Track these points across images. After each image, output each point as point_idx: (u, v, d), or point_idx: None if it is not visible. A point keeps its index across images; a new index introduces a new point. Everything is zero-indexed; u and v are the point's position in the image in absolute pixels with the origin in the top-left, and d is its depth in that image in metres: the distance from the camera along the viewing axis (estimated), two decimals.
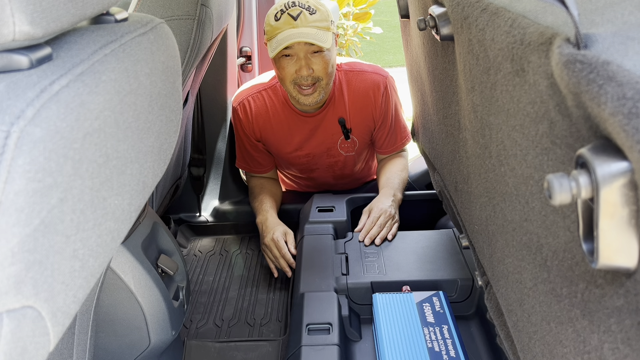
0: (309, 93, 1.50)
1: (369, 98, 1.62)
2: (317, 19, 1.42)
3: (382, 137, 1.71)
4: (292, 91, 1.52)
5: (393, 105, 1.66)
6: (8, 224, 0.38)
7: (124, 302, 1.00)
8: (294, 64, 1.45)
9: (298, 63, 1.45)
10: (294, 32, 1.40)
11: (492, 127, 0.66)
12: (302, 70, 1.44)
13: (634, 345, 0.39)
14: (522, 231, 0.61)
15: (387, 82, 1.63)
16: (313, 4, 1.44)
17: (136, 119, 0.57)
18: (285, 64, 1.46)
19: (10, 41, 0.43)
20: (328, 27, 1.44)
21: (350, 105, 1.63)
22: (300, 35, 1.40)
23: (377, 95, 1.62)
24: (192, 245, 1.87)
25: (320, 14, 1.43)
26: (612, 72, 0.36)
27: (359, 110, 1.63)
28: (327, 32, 1.44)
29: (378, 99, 1.62)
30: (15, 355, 0.40)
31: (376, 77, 1.62)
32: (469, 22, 0.68)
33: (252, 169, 1.79)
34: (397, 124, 1.70)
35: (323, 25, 1.43)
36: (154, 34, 0.64)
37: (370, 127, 1.68)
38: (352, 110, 1.63)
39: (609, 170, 0.37)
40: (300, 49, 1.43)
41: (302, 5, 1.42)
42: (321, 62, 1.45)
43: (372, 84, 1.61)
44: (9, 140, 0.38)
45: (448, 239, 1.47)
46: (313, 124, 1.65)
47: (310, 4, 1.43)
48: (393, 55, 6.26)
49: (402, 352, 1.09)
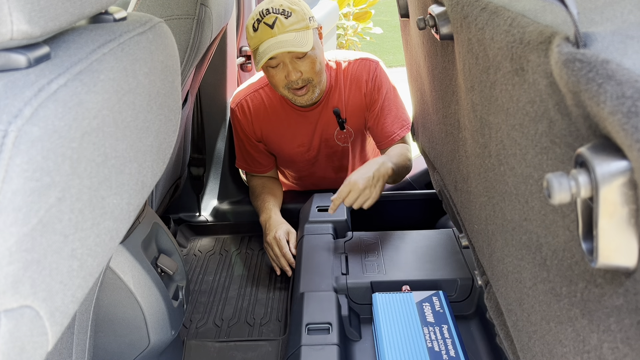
0: (302, 94, 1.51)
1: (361, 84, 1.62)
2: (293, 21, 1.42)
3: (374, 125, 1.66)
4: (287, 95, 1.53)
5: (384, 90, 1.63)
6: (6, 224, 0.37)
7: (123, 302, 1.00)
8: (282, 71, 1.47)
9: (285, 69, 1.46)
10: (273, 42, 1.40)
11: (492, 126, 0.66)
12: (291, 75, 1.45)
13: (634, 344, 0.39)
14: (521, 230, 0.61)
15: (377, 67, 1.63)
16: (287, 6, 1.43)
17: (135, 118, 0.57)
18: (273, 73, 1.48)
19: (8, 40, 0.42)
20: (307, 26, 1.44)
21: (345, 95, 1.64)
22: (279, 45, 1.40)
23: (367, 80, 1.62)
24: (192, 245, 1.87)
25: (295, 15, 1.43)
26: (611, 71, 0.36)
27: (353, 98, 1.64)
28: (306, 31, 1.44)
29: (368, 83, 1.62)
30: (14, 355, 0.40)
31: (366, 62, 1.63)
32: (468, 22, 0.68)
33: (253, 169, 1.79)
34: (389, 112, 1.65)
35: (301, 26, 1.43)
36: (152, 33, 0.64)
37: (363, 114, 1.66)
38: (346, 99, 1.64)
39: (608, 169, 0.37)
40: (284, 56, 1.43)
41: (276, 10, 1.42)
42: (308, 63, 1.46)
43: (364, 69, 1.62)
44: (6, 140, 0.38)
45: (448, 238, 1.47)
46: (312, 118, 1.66)
47: (284, 7, 1.42)
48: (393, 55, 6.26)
49: (402, 351, 1.09)
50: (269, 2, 1.45)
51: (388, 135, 1.66)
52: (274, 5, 1.43)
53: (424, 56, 1.07)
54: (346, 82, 1.63)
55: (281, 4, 1.43)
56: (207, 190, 1.96)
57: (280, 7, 1.42)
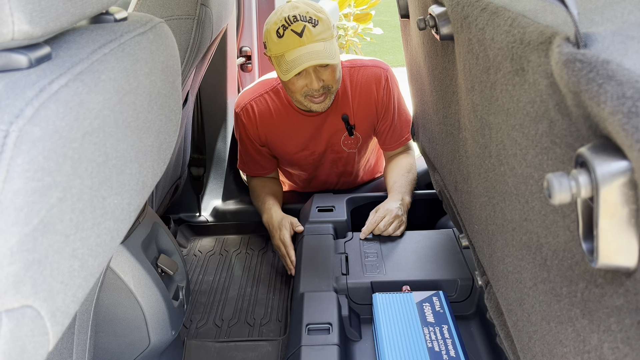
0: (320, 101, 1.50)
1: (371, 92, 1.62)
2: (320, 30, 1.38)
3: (385, 130, 1.68)
4: (303, 101, 1.51)
5: (395, 97, 1.64)
6: (7, 224, 0.37)
7: (123, 302, 1.00)
8: (304, 79, 1.44)
9: (308, 78, 1.43)
10: (303, 53, 1.37)
11: (492, 126, 0.66)
12: (313, 84, 1.43)
13: (634, 344, 0.39)
14: (521, 231, 0.61)
15: (388, 74, 1.63)
16: (313, 13, 1.40)
17: (135, 118, 0.57)
18: (294, 80, 1.45)
19: (9, 40, 0.43)
20: (332, 35, 1.42)
21: (354, 101, 1.63)
22: (310, 56, 1.37)
23: (379, 88, 1.61)
24: (192, 245, 1.87)
25: (322, 24, 1.39)
26: (611, 71, 0.36)
27: (362, 105, 1.63)
28: (332, 40, 1.42)
29: (380, 91, 1.61)
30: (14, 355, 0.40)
31: (377, 70, 1.62)
32: (468, 22, 0.68)
33: (254, 171, 1.78)
34: (399, 117, 1.67)
35: (327, 35, 1.40)
36: (153, 34, 0.64)
37: (373, 121, 1.67)
38: (355, 105, 1.63)
39: (608, 169, 0.37)
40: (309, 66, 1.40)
41: (303, 18, 1.38)
42: (330, 72, 1.45)
43: (374, 77, 1.61)
44: (7, 140, 0.38)
45: (448, 238, 1.47)
46: (317, 123, 1.65)
47: (311, 15, 1.39)
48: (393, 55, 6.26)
49: (402, 352, 1.09)
50: (294, 9, 1.41)
51: (396, 140, 1.70)
52: (301, 12, 1.39)
53: (424, 56, 1.07)
54: (355, 89, 1.62)
55: (307, 11, 1.40)
56: (207, 191, 1.96)
57: (307, 15, 1.39)
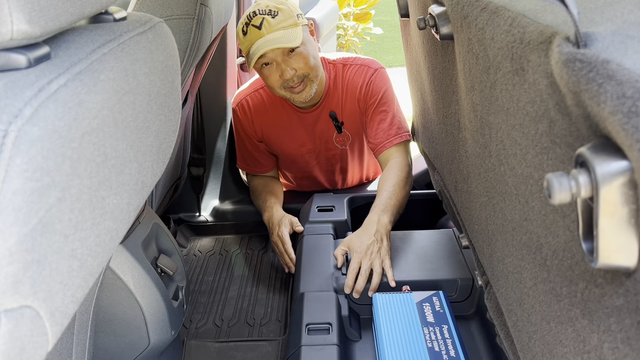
0: (300, 90, 1.51)
1: (355, 89, 1.62)
2: (280, 20, 1.43)
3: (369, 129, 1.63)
4: (284, 94, 1.53)
5: (380, 96, 1.60)
6: (6, 224, 0.37)
7: (123, 302, 0.99)
8: (275, 70, 1.47)
9: (279, 68, 1.46)
10: (261, 42, 1.42)
11: (492, 126, 0.66)
12: (285, 73, 1.46)
13: (634, 344, 0.39)
14: (521, 230, 0.61)
15: (376, 72, 1.61)
16: (273, 6, 1.45)
17: (135, 118, 0.57)
18: (267, 73, 1.48)
19: (8, 40, 0.42)
20: (295, 23, 1.45)
21: (343, 98, 1.64)
22: (267, 43, 1.41)
23: (362, 85, 1.61)
24: (192, 245, 1.87)
25: (282, 13, 1.44)
26: (611, 71, 0.36)
27: (349, 102, 1.64)
28: (295, 28, 1.44)
29: (363, 88, 1.61)
30: (13, 355, 0.40)
31: (365, 68, 1.62)
32: (468, 21, 0.68)
33: (253, 169, 1.79)
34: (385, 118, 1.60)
35: (289, 23, 1.44)
36: (152, 33, 0.64)
37: (360, 119, 1.66)
38: (343, 102, 1.64)
39: (608, 169, 0.37)
40: (275, 55, 1.44)
41: (262, 12, 1.44)
42: (300, 59, 1.46)
43: (361, 74, 1.62)
44: (6, 140, 0.37)
45: (448, 238, 1.46)
46: (311, 119, 1.66)
47: (270, 7, 1.44)
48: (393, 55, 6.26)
49: (402, 352, 1.09)
50: (255, 5, 1.47)
51: (379, 142, 1.60)
52: (260, 7, 1.45)
53: (424, 56, 1.07)
54: (343, 86, 1.63)
55: (267, 4, 1.45)
56: (207, 190, 1.96)
57: (266, 8, 1.44)
